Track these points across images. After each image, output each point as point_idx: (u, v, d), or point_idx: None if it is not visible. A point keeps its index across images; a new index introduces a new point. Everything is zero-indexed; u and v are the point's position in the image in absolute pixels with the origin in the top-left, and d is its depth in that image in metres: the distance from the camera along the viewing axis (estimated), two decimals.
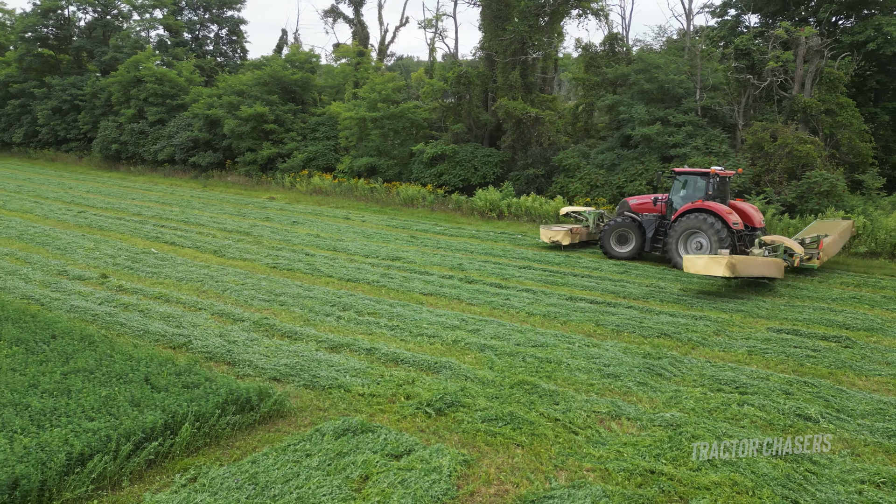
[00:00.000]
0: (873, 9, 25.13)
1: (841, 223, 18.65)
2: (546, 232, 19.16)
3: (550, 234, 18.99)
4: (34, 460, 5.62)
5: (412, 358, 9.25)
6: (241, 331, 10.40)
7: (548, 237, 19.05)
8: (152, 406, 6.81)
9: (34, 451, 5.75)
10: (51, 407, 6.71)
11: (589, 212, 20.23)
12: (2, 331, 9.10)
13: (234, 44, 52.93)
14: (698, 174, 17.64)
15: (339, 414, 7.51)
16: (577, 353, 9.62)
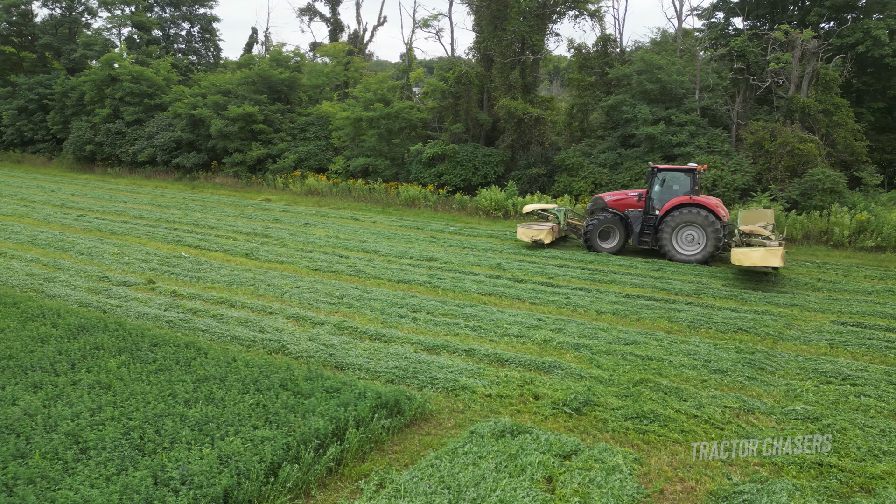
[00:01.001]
0: (860, 13, 26.12)
1: (765, 212, 19.38)
2: (527, 231, 18.86)
3: (532, 234, 18.73)
4: (233, 471, 5.47)
5: (515, 358, 9.28)
6: (328, 334, 10.25)
7: (529, 236, 18.77)
8: (311, 412, 6.68)
9: (232, 461, 5.59)
10: (207, 416, 6.53)
11: (556, 209, 20.16)
12: (97, 339, 8.76)
13: (206, 42, 51.75)
14: (682, 170, 18.27)
15: (476, 415, 7.49)
16: (672, 350, 9.79)
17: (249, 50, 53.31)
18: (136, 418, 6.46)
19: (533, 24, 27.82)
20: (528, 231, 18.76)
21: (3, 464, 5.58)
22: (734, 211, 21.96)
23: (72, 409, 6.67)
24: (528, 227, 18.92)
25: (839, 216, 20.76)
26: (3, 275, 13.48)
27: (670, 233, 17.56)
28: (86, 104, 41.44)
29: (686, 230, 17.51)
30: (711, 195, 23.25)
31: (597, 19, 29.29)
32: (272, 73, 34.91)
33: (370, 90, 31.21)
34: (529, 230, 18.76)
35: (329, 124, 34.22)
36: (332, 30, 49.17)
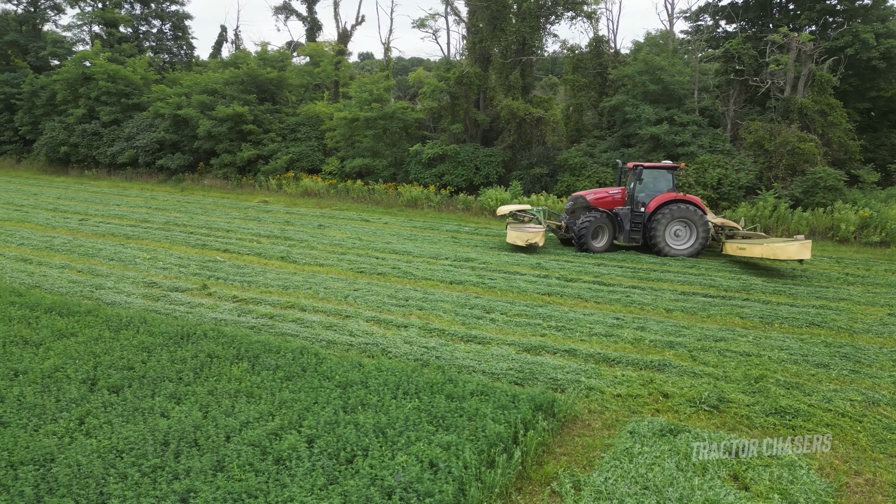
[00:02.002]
0: (848, 17, 27.11)
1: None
2: (520, 234, 17.87)
3: (528, 237, 17.74)
4: (448, 477, 5.38)
5: (620, 357, 9.36)
6: (419, 336, 10.14)
7: (524, 240, 17.72)
8: (478, 416, 6.61)
9: (441, 467, 5.50)
10: (381, 422, 6.40)
11: (536, 209, 19.77)
12: (205, 347, 8.48)
13: (178, 40, 50.38)
14: (665, 168, 18.88)
15: (618, 416, 7.52)
16: (762, 346, 10.02)
17: (219, 48, 52.25)
18: (308, 426, 6.28)
19: (533, 24, 28.00)
20: (522, 234, 17.81)
21: (209, 476, 5.36)
22: (740, 209, 22.68)
23: (234, 419, 6.45)
24: (521, 231, 18.04)
25: (843, 213, 21.53)
26: (43, 282, 12.89)
27: (663, 229, 17.99)
28: (57, 104, 39.98)
29: (675, 226, 18.09)
30: (716, 194, 23.90)
31: (593, 20, 29.63)
32: (261, 72, 34.25)
33: (366, 90, 30.93)
34: (524, 233, 17.80)
35: (321, 124, 33.80)
36: (309, 28, 48.59)
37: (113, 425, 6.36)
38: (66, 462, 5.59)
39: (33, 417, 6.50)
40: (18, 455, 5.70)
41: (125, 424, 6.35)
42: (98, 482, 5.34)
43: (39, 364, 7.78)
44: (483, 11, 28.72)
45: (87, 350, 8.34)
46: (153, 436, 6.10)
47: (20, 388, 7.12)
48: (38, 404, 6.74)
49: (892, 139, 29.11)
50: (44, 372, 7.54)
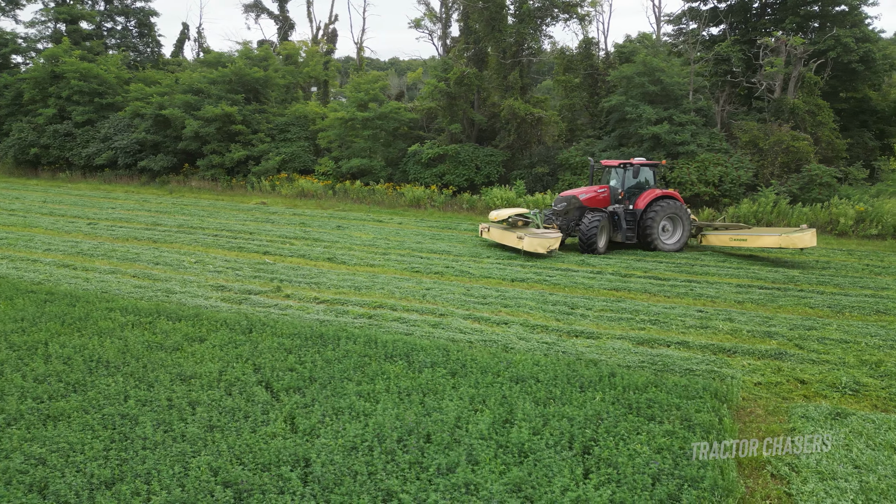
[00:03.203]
0: (830, 21, 28.56)
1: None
2: (542, 241, 16.78)
3: (549, 244, 16.87)
4: (702, 465, 5.63)
5: (735, 348, 9.79)
6: (528, 332, 10.34)
7: (545, 247, 16.81)
8: (676, 406, 6.87)
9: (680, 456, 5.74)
10: (591, 413, 6.58)
11: (533, 212, 19.13)
12: (350, 348, 8.47)
13: (144, 37, 48.80)
14: (650, 165, 19.44)
15: (772, 402, 7.89)
16: (851, 333, 10.65)
17: (181, 46, 50.97)
18: (522, 419, 6.42)
19: (533, 25, 28.44)
20: (543, 241, 16.79)
21: (469, 469, 5.45)
22: (743, 206, 23.66)
23: (442, 413, 6.52)
24: (540, 237, 16.86)
25: (840, 207, 22.72)
26: (108, 288, 12.49)
27: (658, 225, 18.39)
28: (24, 104, 38.26)
29: (663, 222, 18.55)
30: (718, 191, 24.84)
31: (586, 22, 30.30)
32: (248, 72, 33.61)
33: (361, 90, 30.78)
34: (545, 240, 16.84)
35: (311, 124, 33.44)
36: (281, 27, 47.94)
37: (328, 424, 6.35)
38: (321, 461, 5.58)
39: (240, 420, 6.42)
40: (264, 457, 5.65)
41: (341, 423, 6.34)
42: (369, 478, 5.36)
43: (200, 368, 7.63)
44: (480, 12, 28.97)
45: (231, 354, 8.23)
46: (380, 432, 6.13)
47: (202, 392, 7.00)
48: (236, 408, 6.66)
49: (863, 138, 30.76)
50: (213, 377, 7.42)
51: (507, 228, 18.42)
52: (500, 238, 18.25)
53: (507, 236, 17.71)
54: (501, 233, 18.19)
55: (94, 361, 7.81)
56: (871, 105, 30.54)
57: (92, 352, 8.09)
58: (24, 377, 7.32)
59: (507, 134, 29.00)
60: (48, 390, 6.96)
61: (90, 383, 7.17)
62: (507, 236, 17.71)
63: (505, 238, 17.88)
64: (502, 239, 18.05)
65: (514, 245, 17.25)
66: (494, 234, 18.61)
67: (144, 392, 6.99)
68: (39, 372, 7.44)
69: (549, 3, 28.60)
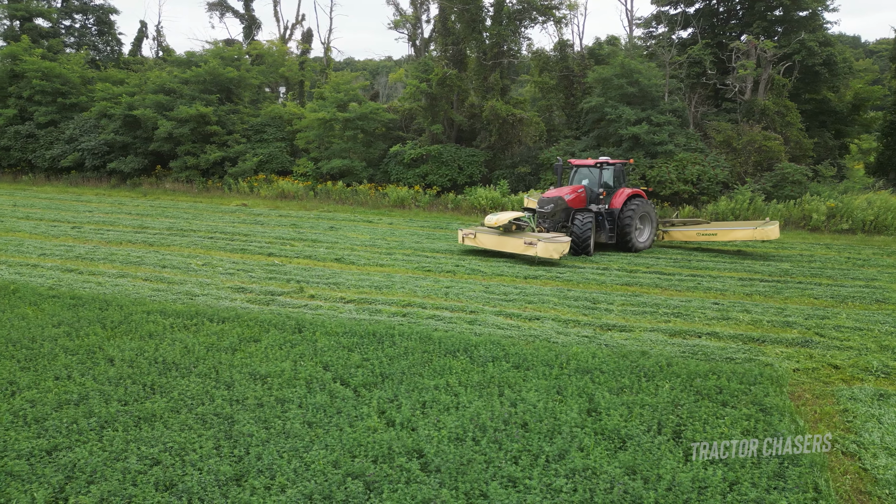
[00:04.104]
0: (795, 26, 29.82)
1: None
2: (556, 247, 15.94)
3: (562, 249, 16.12)
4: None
5: (763, 337, 10.29)
6: (563, 326, 10.63)
7: (560, 252, 16.03)
8: (744, 392, 7.26)
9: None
10: (678, 400, 6.91)
11: (527, 216, 18.04)
12: (410, 344, 8.62)
13: (104, 35, 47.45)
14: (621, 164, 19.78)
15: (817, 386, 8.36)
16: (862, 321, 11.30)
17: (139, 45, 49.72)
18: (605, 408, 6.69)
19: (513, 27, 28.86)
20: (558, 246, 15.98)
21: (579, 455, 5.69)
22: (721, 203, 24.59)
23: (526, 404, 6.75)
24: (554, 242, 15.98)
25: (813, 204, 23.80)
26: (125, 292, 12.27)
27: (636, 224, 18.47)
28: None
29: (635, 220, 18.63)
30: (696, 189, 25.70)
31: (563, 24, 30.88)
32: (222, 71, 33.09)
33: (340, 90, 30.70)
34: (559, 245, 16.03)
35: (288, 125, 33.16)
36: (246, 26, 47.22)
37: (420, 417, 6.50)
38: (434, 451, 5.74)
39: (333, 415, 6.52)
40: (375, 450, 5.78)
41: (434, 416, 6.50)
42: (487, 466, 5.54)
43: (271, 368, 7.67)
44: (460, 14, 29.24)
45: (293, 353, 8.28)
46: (477, 422, 6.32)
47: (284, 390, 7.06)
48: (324, 404, 6.74)
49: (824, 137, 32.20)
50: (287, 375, 7.47)
51: (505, 234, 17.15)
52: (495, 244, 17.06)
53: (508, 242, 16.69)
54: (498, 239, 17.00)
55: (161, 363, 7.76)
56: (830, 106, 31.96)
57: (154, 354, 8.03)
58: (95, 380, 7.24)
59: (489, 134, 29.33)
60: (128, 393, 6.91)
61: (167, 385, 7.14)
62: (508, 242, 16.69)
63: (504, 244, 16.83)
64: (499, 245, 16.96)
65: (517, 251, 16.48)
66: (486, 241, 17.22)
67: (226, 391, 7.00)
68: (110, 375, 7.36)
69: (527, 5, 29.03)
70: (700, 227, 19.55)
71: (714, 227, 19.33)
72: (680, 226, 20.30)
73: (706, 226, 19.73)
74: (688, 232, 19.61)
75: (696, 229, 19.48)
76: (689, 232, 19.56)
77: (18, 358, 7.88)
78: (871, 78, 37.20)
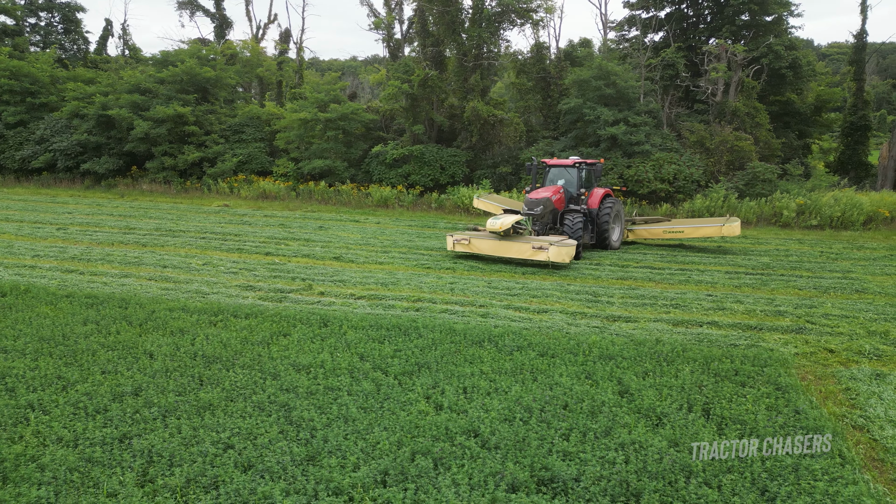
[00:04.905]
0: (761, 30, 30.98)
1: (508, 199, 23.60)
2: (568, 251, 15.65)
3: (571, 252, 15.89)
4: None
5: (760, 325, 10.93)
6: (572, 318, 11.11)
7: (571, 256, 15.84)
8: (758, 374, 7.81)
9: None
10: (701, 382, 7.41)
11: (525, 219, 17.40)
12: (434, 336, 8.99)
13: (70, 34, 46.57)
14: (596, 164, 20.05)
15: (817, 368, 8.98)
16: (847, 309, 12.05)
17: (104, 44, 48.99)
18: (635, 392, 7.17)
19: (492, 30, 29.38)
20: (570, 250, 15.73)
21: (649, 431, 6.14)
22: (696, 201, 25.50)
23: (563, 387, 7.17)
24: (565, 246, 15.63)
25: (783, 201, 24.85)
26: (133, 290, 12.35)
27: (612, 223, 18.91)
28: None
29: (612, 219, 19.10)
30: (673, 187, 26.55)
31: (540, 27, 31.53)
32: (199, 71, 32.88)
33: (321, 91, 30.83)
34: (570, 248, 15.74)
35: (266, 125, 33.14)
36: (218, 25, 46.85)
37: (466, 402, 6.87)
38: (489, 431, 6.13)
39: (383, 401, 6.86)
40: (433, 431, 6.14)
41: (479, 400, 6.89)
42: (541, 442, 5.95)
43: (310, 359, 7.96)
44: (440, 16, 29.64)
45: (325, 345, 8.58)
46: (521, 404, 6.73)
47: (329, 379, 7.37)
48: (372, 391, 7.07)
49: (788, 137, 33.49)
50: (329, 366, 7.77)
51: (504, 238, 16.26)
52: (494, 250, 16.27)
53: (512, 247, 15.90)
54: (498, 244, 16.15)
55: (202, 357, 7.97)
56: (793, 108, 33.22)
57: (191, 349, 8.24)
58: (143, 374, 7.43)
59: (470, 135, 29.78)
60: (179, 385, 7.13)
61: (215, 377, 7.38)
62: (512, 247, 15.90)
63: (506, 250, 16.02)
64: (500, 251, 16.16)
65: (523, 257, 15.71)
66: (483, 246, 16.42)
67: (274, 381, 7.27)
68: (155, 368, 7.56)
69: (506, 8, 29.57)
70: (667, 225, 20.17)
71: (681, 224, 20.01)
72: (642, 224, 20.85)
73: (674, 223, 20.35)
74: (654, 230, 20.21)
75: (663, 227, 20.06)
76: (655, 230, 20.15)
77: (57, 355, 8.01)
78: (828, 81, 38.74)
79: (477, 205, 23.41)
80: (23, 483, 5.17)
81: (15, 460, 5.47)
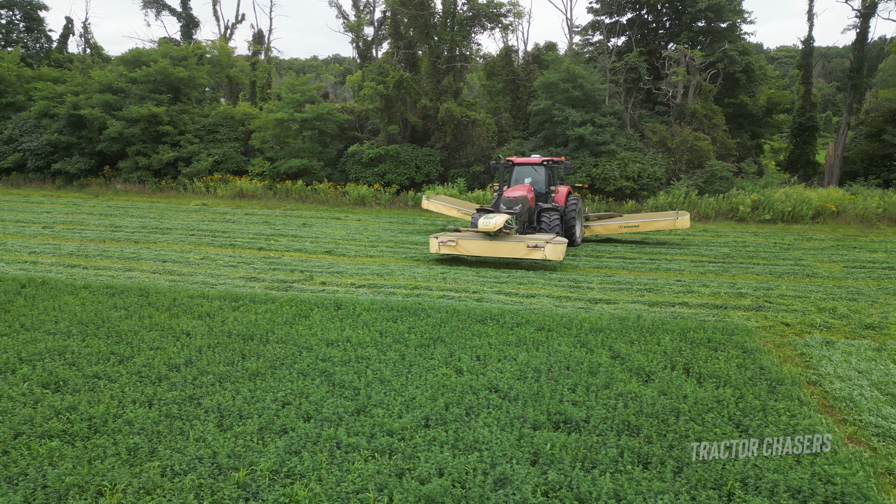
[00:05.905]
0: (718, 36, 32.80)
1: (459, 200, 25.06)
2: (563, 249, 15.70)
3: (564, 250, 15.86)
4: None
5: (725, 304, 12.22)
6: (559, 301, 12.23)
7: (564, 254, 15.92)
8: (727, 342, 9.03)
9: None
10: (677, 347, 8.59)
11: (511, 218, 16.88)
12: (441, 317, 9.98)
13: (32, 32, 46.01)
14: (558, 161, 20.93)
15: (775, 339, 10.26)
16: (800, 290, 13.46)
17: (65, 42, 48.64)
18: (636, 364, 8.31)
19: (465, 33, 30.48)
20: (564, 248, 15.87)
21: (641, 384, 7.25)
22: (660, 198, 27.01)
23: (563, 354, 8.26)
24: (559, 245, 15.57)
25: (739, 197, 26.54)
26: (142, 283, 13.02)
27: (577, 220, 19.84)
28: None
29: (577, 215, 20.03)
30: (637, 185, 28.04)
31: (509, 31, 32.76)
32: (172, 71, 33.15)
33: (296, 91, 31.48)
34: (563, 247, 15.74)
35: (240, 126, 33.61)
36: (184, 25, 46.93)
37: (481, 366, 7.90)
38: (506, 387, 7.16)
39: (411, 367, 7.84)
40: (458, 388, 7.14)
41: (494, 364, 7.92)
42: (552, 394, 7.01)
43: (336, 335, 8.88)
44: (414, 19, 30.60)
45: (345, 324, 9.49)
46: (531, 366, 7.79)
47: (358, 350, 8.32)
48: (398, 359, 8.05)
49: (742, 138, 35.44)
50: (355, 340, 8.71)
51: (495, 238, 15.82)
52: (484, 251, 15.85)
53: (504, 247, 15.60)
54: (489, 244, 15.71)
55: (237, 335, 8.82)
56: (746, 109, 35.17)
57: (224, 328, 9.08)
58: (188, 349, 8.25)
59: (444, 135, 30.80)
60: (224, 357, 7.98)
61: (255, 350, 8.25)
62: (504, 247, 15.60)
63: (498, 250, 15.67)
64: (490, 251, 15.78)
65: (517, 256, 15.59)
66: (472, 248, 15.91)
67: (309, 353, 8.18)
68: (198, 345, 8.39)
69: (477, 12, 30.70)
70: (622, 221, 21.22)
71: (636, 219, 21.04)
72: (595, 220, 21.94)
73: (626, 218, 21.44)
74: (610, 225, 21.18)
75: (618, 222, 21.07)
76: (611, 225, 21.14)
77: (102, 335, 8.75)
78: (778, 84, 40.95)
79: (427, 206, 22.71)
80: (115, 434, 6.00)
81: (102, 417, 6.28)
